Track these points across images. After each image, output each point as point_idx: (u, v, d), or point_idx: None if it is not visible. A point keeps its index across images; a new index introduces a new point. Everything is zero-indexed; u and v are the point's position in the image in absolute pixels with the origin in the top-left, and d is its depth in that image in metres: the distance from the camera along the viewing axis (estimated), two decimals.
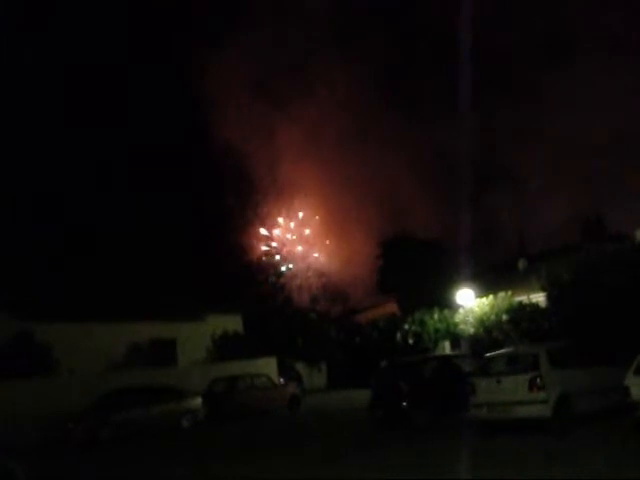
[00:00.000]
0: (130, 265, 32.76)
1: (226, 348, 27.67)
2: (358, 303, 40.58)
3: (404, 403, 15.71)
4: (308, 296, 40.75)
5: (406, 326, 28.96)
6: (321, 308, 39.61)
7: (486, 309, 24.42)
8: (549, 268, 22.64)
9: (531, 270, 26.99)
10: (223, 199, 39.09)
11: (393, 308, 35.58)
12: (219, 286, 33.42)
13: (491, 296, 24.74)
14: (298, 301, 39.76)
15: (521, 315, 23.06)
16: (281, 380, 27.11)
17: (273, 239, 42.11)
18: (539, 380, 12.04)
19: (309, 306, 39.16)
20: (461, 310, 26.26)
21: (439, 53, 38.78)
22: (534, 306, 23.12)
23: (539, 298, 23.21)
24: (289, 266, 41.79)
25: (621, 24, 32.37)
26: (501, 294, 24.45)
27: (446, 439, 13.31)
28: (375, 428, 16.38)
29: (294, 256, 42.17)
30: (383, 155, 38.49)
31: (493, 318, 23.90)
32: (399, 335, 29.03)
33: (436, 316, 27.93)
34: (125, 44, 38.99)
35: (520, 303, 23.66)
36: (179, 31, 38.28)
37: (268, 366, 26.86)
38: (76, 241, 34.75)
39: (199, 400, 20.72)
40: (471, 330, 24.99)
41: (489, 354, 14.76)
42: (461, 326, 25.91)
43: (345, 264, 39.96)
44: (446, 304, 27.73)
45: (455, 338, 27.18)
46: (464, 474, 9.98)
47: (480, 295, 25.69)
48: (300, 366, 31.78)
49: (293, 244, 42.34)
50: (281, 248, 42.17)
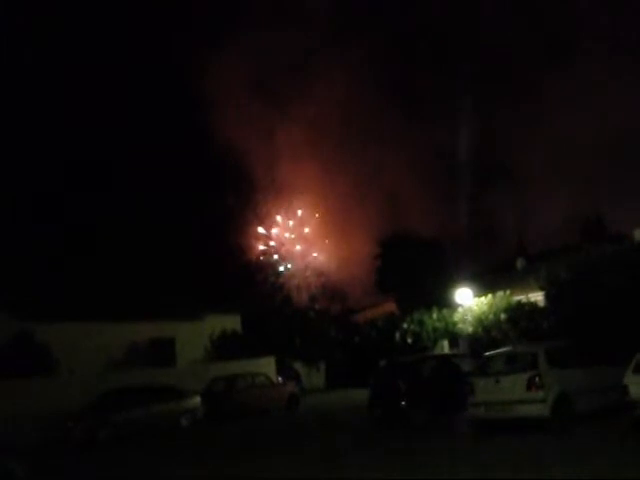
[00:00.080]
0: (130, 265, 32.77)
1: (225, 348, 27.70)
2: (357, 302, 40.55)
3: (403, 402, 15.75)
4: (307, 295, 40.74)
5: (405, 325, 28.98)
6: (320, 307, 39.60)
7: (485, 308, 24.46)
8: (548, 268, 22.66)
9: (530, 270, 27.04)
10: (223, 199, 39.14)
11: (392, 307, 35.56)
12: (218, 286, 33.42)
13: (490, 295, 24.78)
14: (297, 300, 39.73)
15: (520, 314, 23.09)
16: (280, 379, 27.15)
17: (271, 238, 42.13)
18: (538, 379, 12.08)
19: (308, 305, 39.16)
20: (460, 309, 26.29)
21: (439, 53, 38.78)
22: (533, 305, 23.14)
23: (538, 297, 23.25)
24: (288, 266, 41.78)
25: (621, 24, 32.42)
26: (500, 293, 24.47)
27: (445, 438, 13.36)
28: (374, 427, 16.42)
29: (293, 255, 42.16)
30: (383, 155, 38.43)
31: (492, 317, 23.93)
32: (398, 334, 29.05)
33: (435, 315, 27.94)
34: (125, 44, 39.03)
35: (519, 302, 23.69)
36: (179, 31, 38.32)
37: (267, 365, 26.90)
38: (76, 241, 34.76)
39: (198, 399, 20.76)
40: (470, 329, 25.03)
41: (488, 353, 14.80)
42: (460, 325, 25.95)
43: (344, 263, 39.94)
44: (445, 303, 27.74)
45: (454, 337, 27.20)
46: (463, 473, 10.01)
47: (479, 294, 25.71)
48: (299, 365, 31.80)
49: (292, 243, 42.35)
50: (280, 247, 42.17)
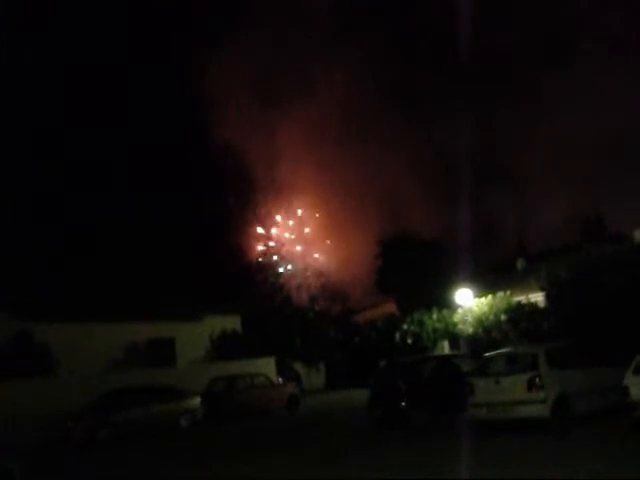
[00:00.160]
0: (129, 265, 32.75)
1: (225, 348, 27.70)
2: (357, 303, 40.51)
3: (403, 403, 15.75)
4: (307, 296, 40.74)
5: (405, 326, 28.96)
6: (320, 308, 39.58)
7: (485, 309, 24.44)
8: (548, 268, 22.63)
9: (530, 270, 27.01)
10: (223, 199, 39.15)
11: (392, 308, 35.53)
12: (218, 286, 33.41)
13: (490, 296, 24.75)
14: (297, 301, 39.72)
15: (520, 315, 23.06)
16: (280, 380, 27.14)
17: (271, 238, 42.12)
18: (538, 380, 12.07)
19: (308, 306, 39.14)
20: (460, 310, 26.27)
21: (439, 53, 38.72)
22: (533, 306, 23.11)
23: (538, 298, 23.22)
24: (287, 267, 41.78)
25: (621, 24, 32.35)
26: (500, 294, 24.45)
27: (445, 439, 13.33)
28: (374, 428, 16.40)
29: (293, 256, 42.16)
30: (383, 155, 38.40)
31: (492, 318, 23.91)
32: (398, 335, 29.03)
33: (435, 316, 27.92)
34: (125, 44, 38.97)
35: (519, 303, 23.67)
36: (179, 31, 38.26)
37: (267, 366, 26.89)
38: (76, 241, 34.76)
39: (198, 400, 20.76)
40: (470, 330, 25.01)
41: (488, 354, 14.79)
42: (460, 326, 25.92)
43: (344, 264, 39.91)
44: (445, 304, 27.72)
45: (454, 338, 27.18)
46: (463, 474, 10.00)
47: (479, 295, 25.69)
48: (299, 366, 31.78)
49: (292, 243, 42.33)
50: (280, 247, 42.16)
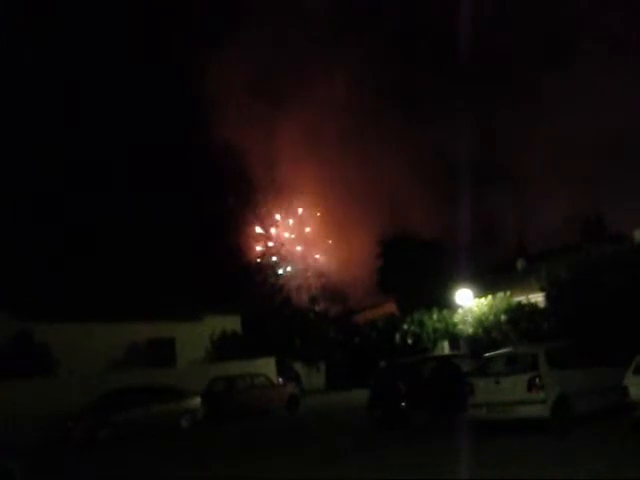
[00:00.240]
0: (129, 265, 32.77)
1: (225, 348, 27.70)
2: (357, 303, 40.53)
3: (403, 403, 15.73)
4: (307, 296, 40.75)
5: (405, 326, 28.97)
6: (320, 308, 39.58)
7: (485, 309, 24.44)
8: (548, 268, 22.63)
9: (530, 270, 27.01)
10: (223, 199, 39.17)
11: (392, 308, 35.54)
12: (218, 286, 33.42)
13: (490, 296, 24.76)
14: (297, 301, 39.74)
15: (520, 315, 23.07)
16: (280, 380, 27.13)
17: (271, 238, 42.12)
18: (538, 380, 12.06)
19: (308, 306, 39.13)
20: (460, 310, 26.28)
21: (439, 53, 38.73)
22: (533, 306, 23.12)
23: (538, 298, 23.22)
24: (287, 268, 41.79)
25: (621, 24, 32.37)
26: (500, 294, 24.46)
27: (445, 439, 13.32)
28: (374, 428, 16.39)
29: (293, 256, 42.15)
30: (383, 155, 38.43)
31: (492, 318, 23.91)
32: (398, 335, 29.04)
33: (435, 316, 27.93)
34: (125, 44, 38.91)
35: (519, 303, 23.67)
36: (179, 31, 38.17)
37: (267, 366, 26.88)
38: (76, 241, 34.77)
39: (198, 400, 20.74)
40: (470, 330, 25.01)
41: (488, 354, 14.78)
42: (460, 326, 25.93)
43: (344, 264, 39.95)
44: (445, 304, 27.73)
45: (454, 338, 27.19)
46: (463, 474, 9.99)
47: (479, 295, 25.70)
48: (299, 366, 31.76)
49: (292, 243, 42.33)
50: (280, 248, 42.16)
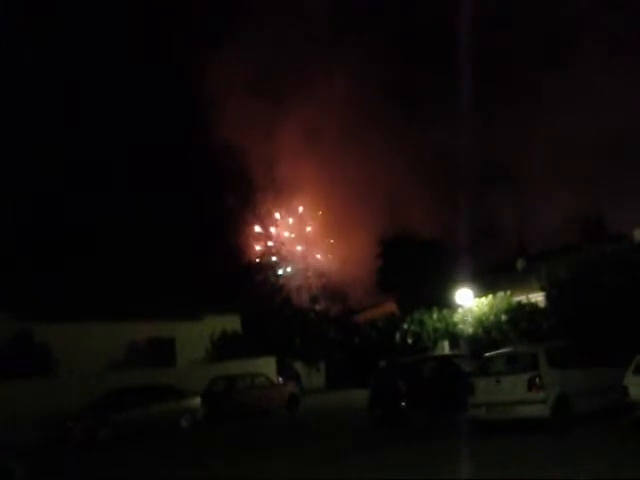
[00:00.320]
0: (129, 265, 32.75)
1: (225, 348, 27.67)
2: (357, 303, 40.53)
3: (403, 403, 15.73)
4: (307, 296, 40.75)
5: (405, 326, 28.97)
6: (320, 308, 39.58)
7: (485, 309, 24.45)
8: (548, 268, 22.65)
9: (530, 270, 27.02)
10: (222, 199, 39.17)
11: (392, 308, 35.55)
12: (218, 286, 33.40)
13: (490, 296, 24.78)
14: (297, 301, 39.73)
15: (520, 315, 23.08)
16: (280, 380, 27.12)
17: (271, 238, 42.12)
18: (538, 380, 12.06)
19: (308, 306, 39.12)
20: (460, 310, 26.29)
21: (439, 53, 38.73)
22: (533, 306, 23.13)
23: (538, 298, 23.23)
24: (287, 269, 41.79)
25: (621, 24, 32.40)
26: (500, 294, 24.48)
27: (445, 439, 13.32)
28: (374, 428, 16.39)
29: (293, 256, 42.16)
30: (383, 155, 38.43)
31: (492, 318, 23.92)
32: (398, 335, 29.04)
33: (435, 316, 27.93)
34: (125, 44, 38.91)
35: (519, 303, 23.68)
36: (179, 31, 38.17)
37: (267, 366, 26.86)
38: (76, 241, 34.76)
39: (198, 400, 20.72)
40: (470, 330, 25.02)
41: (488, 354, 14.78)
42: (460, 326, 25.94)
43: (344, 264, 39.97)
44: (445, 304, 27.74)
45: (454, 338, 27.18)
46: (463, 474, 10.00)
47: (479, 295, 25.71)
48: (299, 366, 31.76)
49: (292, 243, 42.33)
50: (279, 247, 42.16)
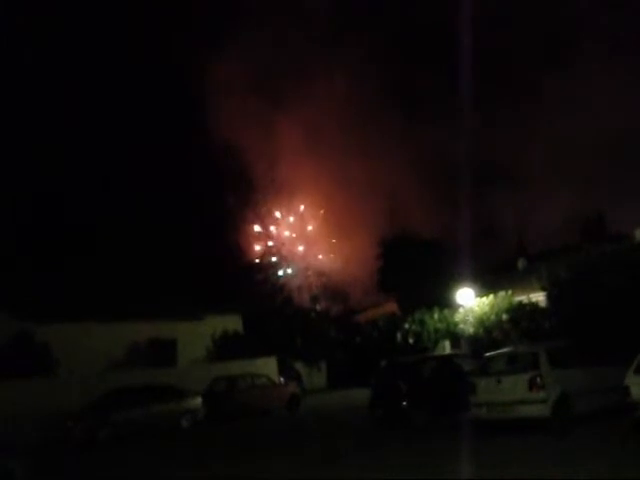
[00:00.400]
0: (130, 265, 32.76)
1: (226, 348, 27.66)
2: (358, 303, 40.54)
3: (404, 403, 15.72)
4: (308, 296, 40.74)
5: (406, 326, 28.96)
6: (321, 308, 39.58)
7: (486, 309, 24.44)
8: (549, 268, 22.64)
9: (531, 270, 27.01)
10: (222, 199, 39.17)
11: (393, 308, 35.55)
12: (219, 286, 33.41)
13: (491, 296, 24.76)
14: (298, 301, 39.72)
15: (521, 315, 23.06)
16: (281, 380, 27.11)
17: (271, 237, 42.12)
18: (539, 380, 12.05)
19: (309, 306, 39.12)
20: (461, 310, 26.28)
21: (439, 53, 38.76)
22: (534, 306, 23.10)
23: (539, 298, 23.21)
24: (288, 270, 41.79)
25: (621, 24, 32.39)
26: (501, 294, 24.46)
27: (446, 439, 13.31)
28: (375, 428, 16.38)
29: (294, 256, 42.15)
30: (383, 155, 38.45)
31: (493, 318, 23.91)
32: (399, 335, 29.03)
33: (436, 316, 27.92)
34: (125, 44, 38.98)
35: (520, 303, 23.66)
36: (179, 31, 38.22)
37: (268, 366, 26.86)
38: (76, 241, 34.76)
39: (199, 400, 20.72)
40: (471, 330, 25.01)
41: (489, 354, 14.77)
42: (461, 326, 25.92)
43: (345, 263, 39.97)
44: (446, 304, 27.73)
45: (455, 338, 27.17)
46: (464, 474, 9.99)
47: (480, 295, 25.70)
48: (300, 366, 31.74)
49: (293, 243, 42.33)
50: (280, 247, 42.16)
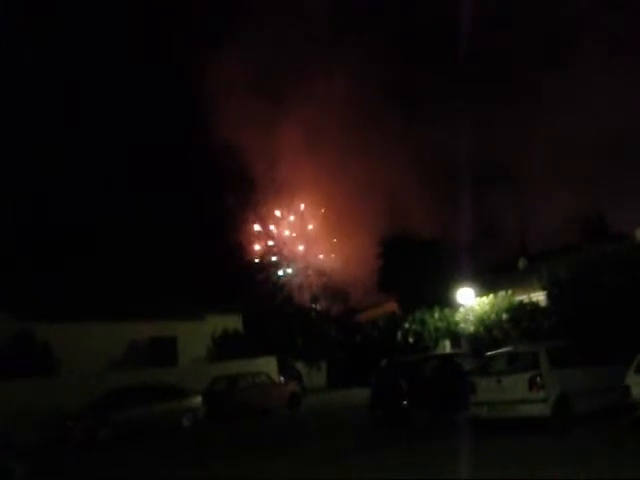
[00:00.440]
0: (130, 265, 32.75)
1: (226, 347, 27.67)
2: (359, 302, 40.54)
3: (404, 402, 15.73)
4: (308, 295, 40.74)
5: (406, 325, 28.96)
6: (322, 307, 39.58)
7: (486, 308, 24.45)
8: (549, 268, 22.65)
9: (531, 269, 27.03)
10: (223, 199, 39.17)
11: (393, 307, 35.57)
12: (219, 285, 33.41)
13: (491, 295, 24.77)
14: (298, 300, 39.70)
15: (521, 314, 23.07)
16: (281, 379, 27.12)
17: (271, 237, 42.12)
18: (539, 379, 12.05)
19: (309, 305, 39.12)
20: (461, 309, 26.29)
21: (439, 53, 38.73)
22: (534, 305, 23.11)
23: (539, 297, 23.22)
24: (287, 270, 41.80)
25: (621, 24, 32.38)
26: (501, 293, 24.47)
27: (446, 438, 13.32)
28: (375, 427, 16.40)
29: (295, 255, 42.15)
30: (383, 155, 38.43)
31: (493, 317, 23.93)
32: (399, 334, 29.03)
33: (436, 315, 27.92)
34: (125, 44, 38.93)
35: (520, 302, 23.66)
36: (179, 31, 38.16)
37: (268, 365, 26.88)
38: (76, 241, 34.76)
39: (199, 399, 20.70)
40: (471, 329, 25.02)
41: (489, 353, 14.78)
42: (461, 325, 25.94)
43: (345, 263, 39.97)
44: (446, 303, 27.73)
45: (455, 337, 27.16)
46: (464, 474, 9.98)
47: (480, 294, 25.70)
48: (300, 365, 31.75)
49: (294, 242, 42.33)
50: (281, 247, 42.16)
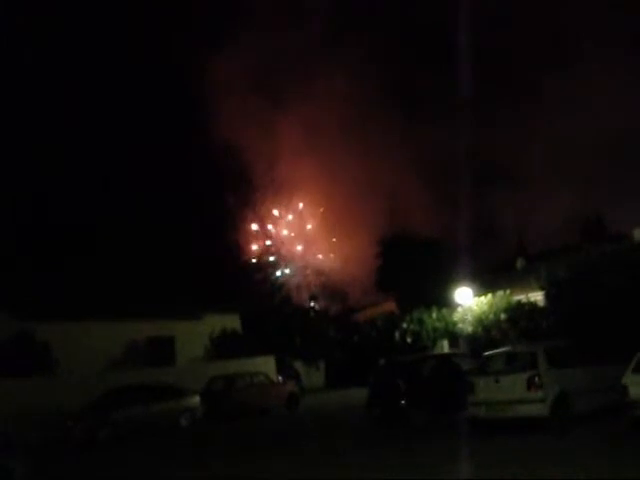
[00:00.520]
0: (129, 264, 32.78)
1: (224, 347, 27.68)
2: (357, 302, 40.59)
3: (402, 402, 15.73)
4: (307, 295, 40.77)
5: (405, 325, 28.98)
6: (320, 307, 39.60)
7: (485, 308, 24.47)
8: (548, 268, 22.68)
9: (530, 269, 27.05)
10: (223, 199, 39.21)
11: (392, 307, 35.59)
12: (218, 285, 33.43)
13: (490, 295, 24.79)
14: (297, 300, 39.76)
15: (519, 314, 23.10)
16: (279, 379, 27.14)
17: (269, 237, 42.15)
18: (537, 379, 12.07)
19: (308, 305, 39.14)
20: (460, 309, 26.31)
21: (439, 53, 38.80)
22: (532, 305, 23.15)
23: (537, 297, 23.26)
24: (285, 271, 41.83)
25: (621, 24, 32.45)
26: (500, 293, 24.49)
27: (444, 438, 13.33)
28: (373, 427, 16.40)
29: (293, 255, 42.18)
30: (383, 155, 38.52)
31: (491, 317, 23.94)
32: (398, 334, 29.05)
33: (435, 315, 27.95)
34: (125, 44, 38.98)
35: (519, 302, 23.69)
36: (179, 31, 38.25)
37: (266, 365, 26.88)
38: (76, 241, 34.77)
39: (198, 399, 20.70)
40: (469, 329, 25.04)
41: (487, 353, 14.79)
42: (460, 325, 25.96)
43: (344, 263, 40.02)
44: (445, 303, 27.76)
45: (453, 337, 27.21)
46: (463, 474, 10.00)
47: (479, 294, 25.72)
48: (298, 365, 31.76)
49: (292, 242, 42.35)
50: (279, 246, 42.19)
